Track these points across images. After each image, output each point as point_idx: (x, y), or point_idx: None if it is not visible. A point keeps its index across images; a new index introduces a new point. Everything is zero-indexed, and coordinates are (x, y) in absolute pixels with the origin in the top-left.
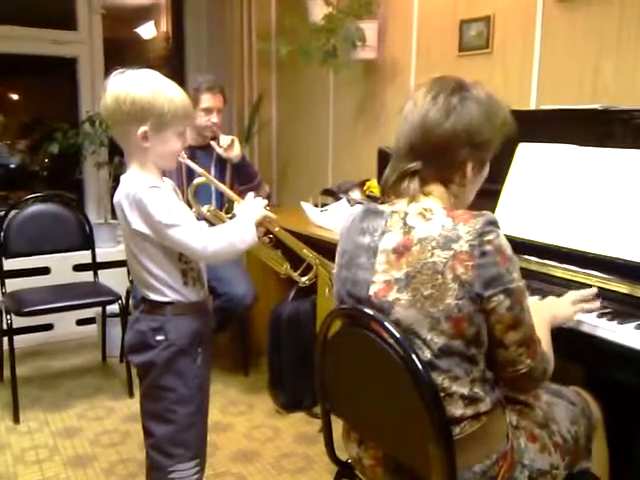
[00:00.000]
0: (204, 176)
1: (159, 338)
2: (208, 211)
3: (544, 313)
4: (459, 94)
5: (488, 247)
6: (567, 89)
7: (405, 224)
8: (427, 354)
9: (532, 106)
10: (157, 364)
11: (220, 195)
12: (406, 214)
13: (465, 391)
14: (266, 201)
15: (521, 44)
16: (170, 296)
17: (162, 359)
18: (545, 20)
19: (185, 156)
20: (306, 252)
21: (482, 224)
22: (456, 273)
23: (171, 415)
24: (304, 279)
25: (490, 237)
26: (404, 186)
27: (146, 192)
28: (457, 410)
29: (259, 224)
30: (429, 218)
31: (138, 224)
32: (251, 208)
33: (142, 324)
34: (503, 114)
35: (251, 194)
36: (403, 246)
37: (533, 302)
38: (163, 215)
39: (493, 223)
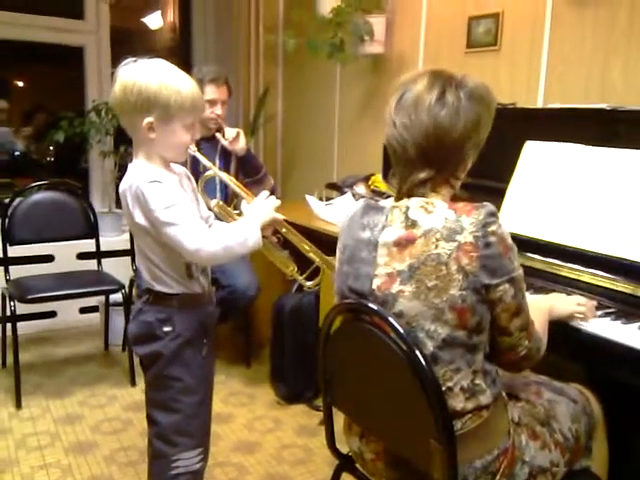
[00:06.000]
0: (212, 170)
1: (166, 329)
2: (216, 206)
3: (543, 301)
4: (462, 90)
5: (492, 238)
6: (575, 88)
7: (407, 218)
8: (430, 346)
9: (539, 104)
10: (164, 355)
11: (224, 187)
12: (408, 208)
13: (466, 383)
14: (279, 202)
15: (529, 42)
16: (176, 288)
17: (169, 350)
18: (554, 18)
19: (195, 149)
20: (313, 256)
21: (484, 215)
22: (460, 264)
23: (176, 405)
24: (309, 284)
25: (493, 228)
26: (417, 193)
27: (147, 187)
28: (458, 404)
29: (267, 225)
30: (431, 211)
31: (140, 218)
32: (260, 209)
33: (148, 315)
34: (494, 100)
35: (264, 193)
36: (406, 239)
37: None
38: (161, 212)
39: (494, 214)
